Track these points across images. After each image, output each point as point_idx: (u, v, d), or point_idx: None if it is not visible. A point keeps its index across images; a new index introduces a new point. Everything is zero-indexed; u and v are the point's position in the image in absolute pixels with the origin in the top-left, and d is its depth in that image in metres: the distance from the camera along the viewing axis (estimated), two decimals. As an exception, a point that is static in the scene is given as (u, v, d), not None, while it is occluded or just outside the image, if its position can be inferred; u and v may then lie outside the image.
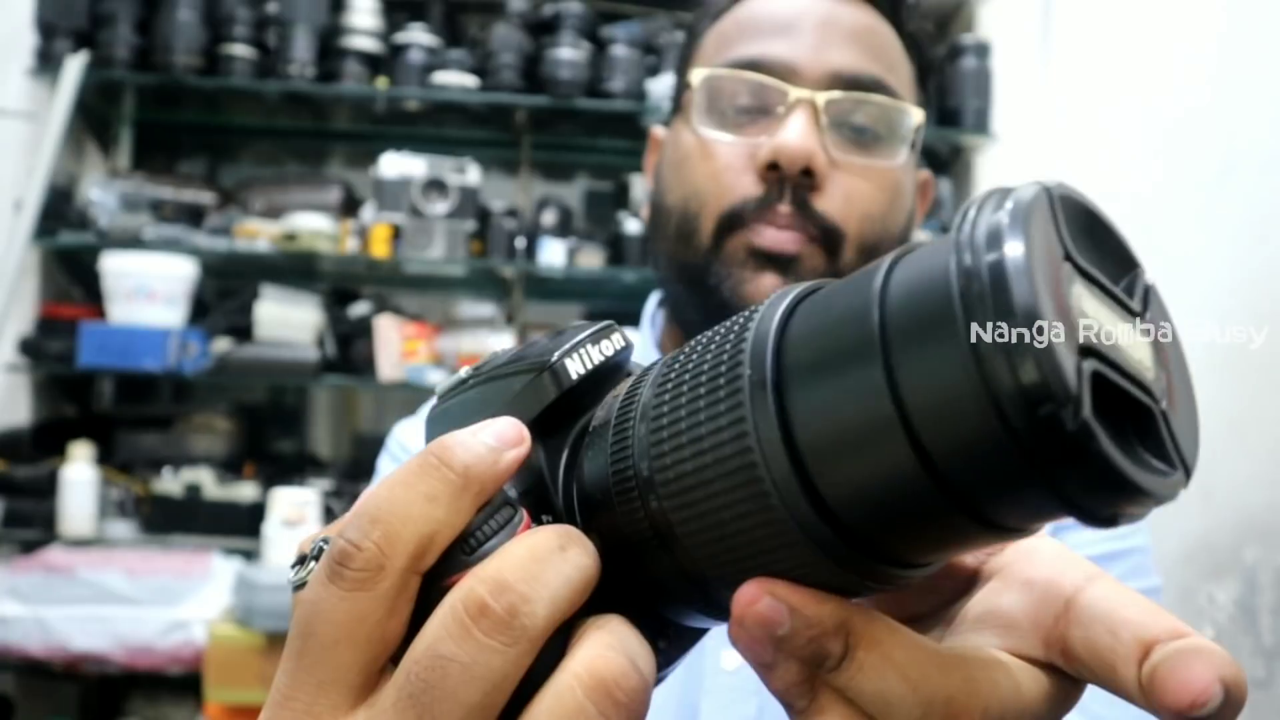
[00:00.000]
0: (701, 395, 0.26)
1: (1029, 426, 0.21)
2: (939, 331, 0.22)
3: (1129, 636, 0.27)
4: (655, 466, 0.27)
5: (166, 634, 2.05)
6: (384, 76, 2.42)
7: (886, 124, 0.70)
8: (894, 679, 0.26)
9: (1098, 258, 0.25)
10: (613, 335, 0.32)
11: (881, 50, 0.72)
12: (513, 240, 2.40)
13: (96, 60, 2.30)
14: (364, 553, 0.27)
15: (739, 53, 0.71)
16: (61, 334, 2.27)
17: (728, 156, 0.69)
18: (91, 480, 2.20)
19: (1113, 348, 0.23)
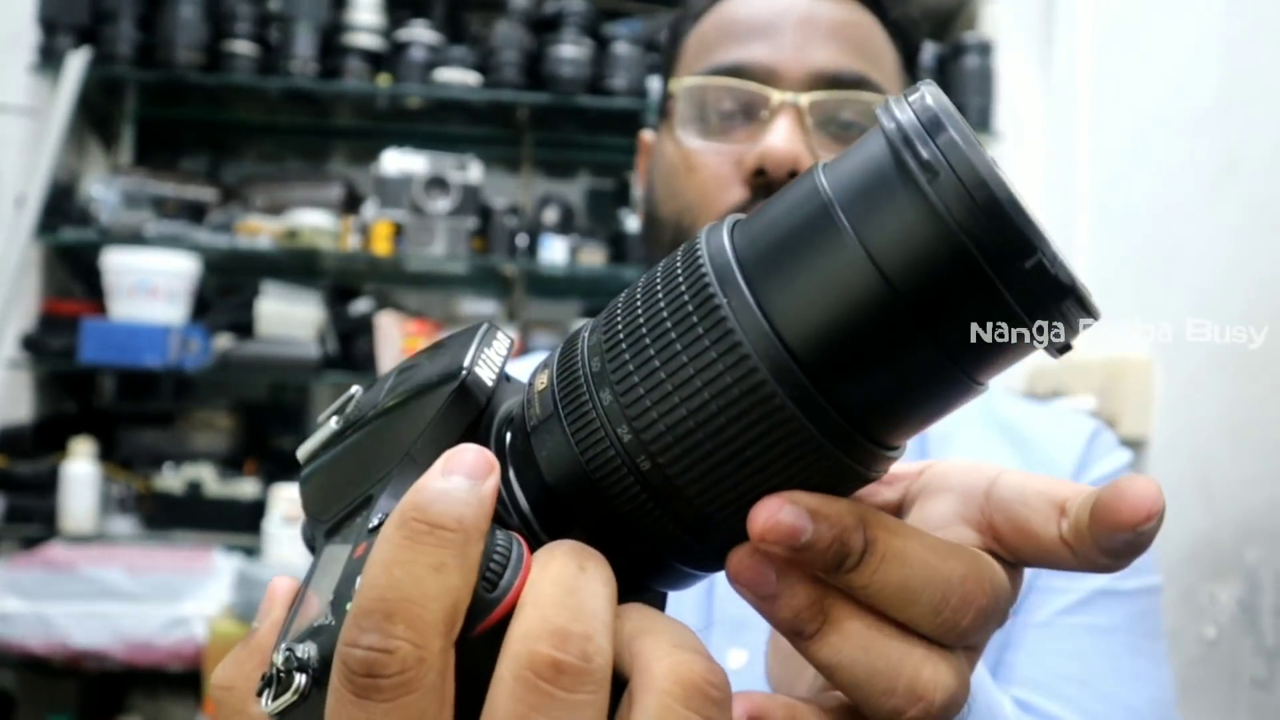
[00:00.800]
0: (673, 337, 0.26)
1: (993, 241, 0.24)
2: (891, 188, 0.25)
3: (1042, 503, 0.29)
4: (639, 426, 0.26)
5: (167, 630, 2.05)
6: (386, 73, 2.41)
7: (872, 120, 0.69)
8: (916, 565, 0.27)
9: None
10: (498, 335, 0.32)
11: (864, 44, 0.71)
12: (514, 238, 2.40)
13: (98, 56, 2.30)
14: (397, 654, 0.24)
15: (720, 58, 0.70)
16: (63, 330, 2.27)
17: (714, 166, 0.69)
18: (92, 476, 2.20)
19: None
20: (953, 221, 0.24)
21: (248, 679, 0.30)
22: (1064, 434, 0.75)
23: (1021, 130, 2.53)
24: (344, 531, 0.29)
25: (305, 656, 0.26)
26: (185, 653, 2.06)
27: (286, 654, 0.26)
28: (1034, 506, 0.29)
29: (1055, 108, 2.47)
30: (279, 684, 0.26)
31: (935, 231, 0.24)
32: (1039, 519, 0.29)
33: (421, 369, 0.31)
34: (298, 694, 0.25)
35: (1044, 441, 0.74)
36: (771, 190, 0.66)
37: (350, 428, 0.31)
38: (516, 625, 0.25)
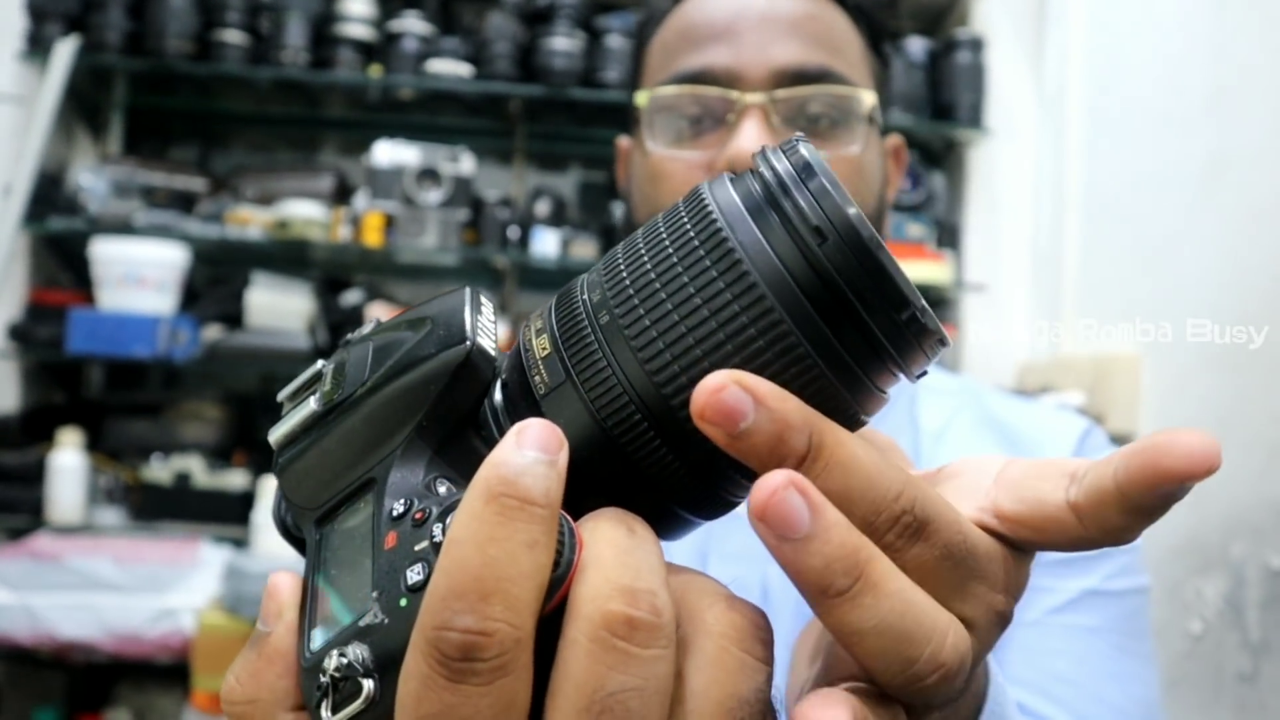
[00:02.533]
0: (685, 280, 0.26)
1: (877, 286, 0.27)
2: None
3: (1052, 471, 0.28)
4: (653, 369, 0.26)
5: (155, 622, 2.05)
6: (377, 64, 2.41)
7: (839, 111, 0.69)
8: (859, 476, 0.26)
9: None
10: (483, 300, 0.31)
11: (825, 35, 0.71)
12: (506, 230, 2.40)
13: (87, 45, 2.28)
14: (496, 635, 0.24)
15: (682, 65, 0.70)
16: (50, 320, 2.26)
17: (685, 173, 0.69)
18: (80, 467, 2.19)
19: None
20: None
21: (271, 689, 0.28)
22: (1056, 432, 0.75)
23: (1013, 126, 2.54)
24: (341, 519, 0.28)
25: (362, 659, 0.25)
26: (173, 644, 2.05)
27: (341, 660, 0.25)
28: (1043, 476, 0.28)
29: (1046, 104, 2.47)
30: (338, 692, 0.25)
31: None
32: (1047, 486, 0.28)
33: (406, 342, 0.29)
34: (368, 701, 0.24)
35: (1036, 439, 0.74)
36: None
37: (334, 408, 0.29)
38: (582, 590, 0.25)
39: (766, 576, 0.67)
